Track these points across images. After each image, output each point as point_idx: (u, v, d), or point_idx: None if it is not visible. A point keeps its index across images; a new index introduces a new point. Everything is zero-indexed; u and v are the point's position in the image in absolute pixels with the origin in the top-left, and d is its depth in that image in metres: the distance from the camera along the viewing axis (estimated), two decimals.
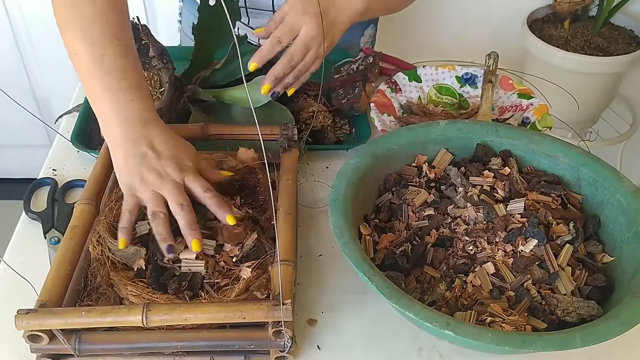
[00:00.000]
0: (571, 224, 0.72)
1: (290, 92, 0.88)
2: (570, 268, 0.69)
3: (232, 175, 0.77)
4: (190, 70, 0.98)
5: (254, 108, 0.87)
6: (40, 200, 0.86)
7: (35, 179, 0.90)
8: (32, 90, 2.00)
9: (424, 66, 1.08)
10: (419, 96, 1.06)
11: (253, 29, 0.97)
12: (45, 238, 0.80)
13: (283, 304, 0.58)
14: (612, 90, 1.80)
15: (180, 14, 1.27)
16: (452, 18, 1.86)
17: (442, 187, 0.79)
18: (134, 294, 0.63)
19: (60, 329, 0.60)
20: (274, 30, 0.82)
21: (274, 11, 1.03)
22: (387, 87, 1.03)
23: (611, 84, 1.76)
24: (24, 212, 0.84)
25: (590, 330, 0.57)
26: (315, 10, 0.80)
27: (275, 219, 0.70)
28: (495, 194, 0.77)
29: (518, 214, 0.73)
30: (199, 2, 0.90)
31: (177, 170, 0.70)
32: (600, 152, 0.85)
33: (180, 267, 0.68)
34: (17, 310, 0.59)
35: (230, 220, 0.69)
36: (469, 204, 0.75)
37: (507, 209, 0.74)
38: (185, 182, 0.70)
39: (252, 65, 0.82)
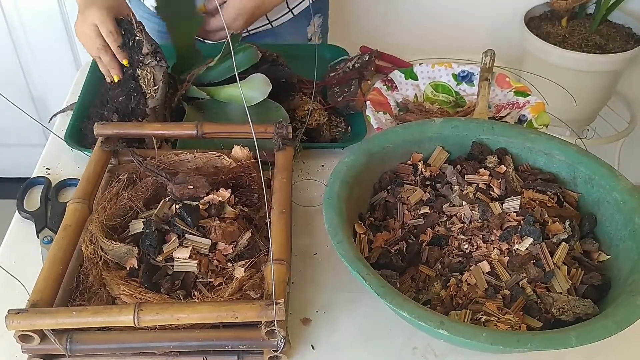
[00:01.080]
0: (567, 222, 0.72)
1: None
2: (566, 267, 0.68)
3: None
4: (179, 63, 0.97)
5: (249, 106, 0.86)
6: (34, 200, 0.86)
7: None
8: (28, 89, 2.00)
9: (420, 64, 1.08)
10: (415, 94, 1.05)
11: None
12: (38, 237, 0.80)
13: (276, 303, 0.58)
14: (610, 88, 1.79)
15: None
16: (450, 15, 1.85)
17: (438, 186, 0.78)
18: (126, 293, 0.63)
19: (52, 329, 0.60)
20: None
21: None
22: (383, 85, 1.03)
23: (609, 81, 1.75)
24: (17, 211, 0.84)
25: (586, 329, 0.57)
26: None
27: (269, 218, 0.70)
28: (491, 192, 0.77)
29: (514, 212, 0.72)
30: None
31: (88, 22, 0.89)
32: (598, 150, 0.85)
33: (173, 266, 0.67)
34: (8, 310, 0.59)
35: (125, 63, 0.90)
36: (464, 202, 0.74)
37: (503, 207, 0.73)
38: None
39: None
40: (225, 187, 0.76)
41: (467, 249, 0.70)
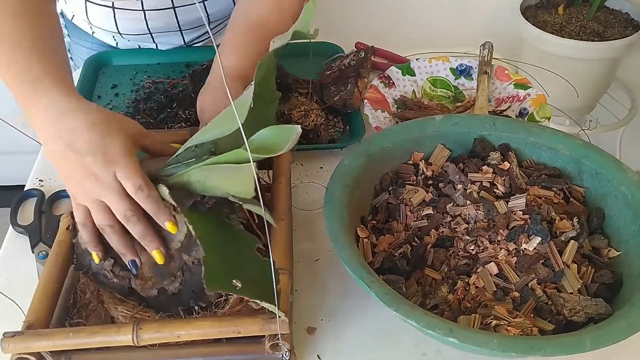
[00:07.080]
0: (575, 219, 0.70)
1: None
2: (575, 265, 0.66)
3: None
4: None
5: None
6: (28, 213, 0.84)
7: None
8: None
9: (417, 59, 1.06)
10: (414, 90, 1.03)
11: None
12: (33, 252, 0.78)
13: (279, 316, 0.56)
14: (610, 75, 1.77)
15: (69, 49, 1.17)
16: (445, 7, 1.83)
17: (440, 185, 0.76)
18: (123, 314, 0.61)
19: (49, 351, 0.58)
20: None
21: None
22: (381, 82, 1.01)
23: (608, 69, 1.73)
24: (10, 225, 0.81)
25: (600, 332, 0.55)
26: None
27: (267, 227, 0.68)
28: (495, 190, 0.75)
29: (520, 210, 0.71)
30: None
31: (104, 167, 0.58)
32: (600, 138, 0.83)
33: None
34: (3, 334, 0.57)
35: (170, 228, 0.59)
36: (468, 202, 0.72)
37: (508, 205, 0.71)
38: (117, 178, 0.59)
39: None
40: None
41: (473, 250, 0.68)
